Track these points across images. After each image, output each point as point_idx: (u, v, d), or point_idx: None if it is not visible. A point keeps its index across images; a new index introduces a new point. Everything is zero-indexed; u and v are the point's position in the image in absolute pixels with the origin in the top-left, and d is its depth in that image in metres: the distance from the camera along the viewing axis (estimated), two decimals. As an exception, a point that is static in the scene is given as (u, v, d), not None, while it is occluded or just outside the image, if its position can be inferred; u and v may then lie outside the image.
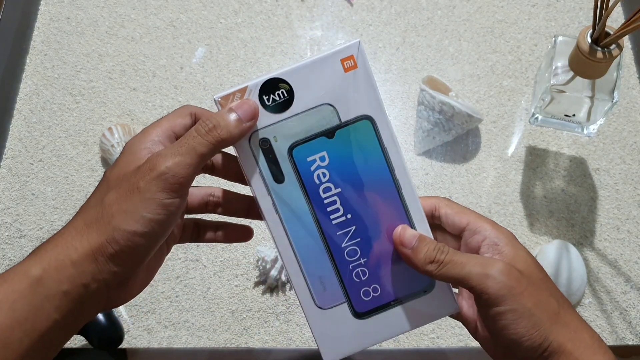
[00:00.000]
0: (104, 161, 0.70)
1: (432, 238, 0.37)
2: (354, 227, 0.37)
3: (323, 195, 0.36)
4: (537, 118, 0.70)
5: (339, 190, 0.36)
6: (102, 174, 0.69)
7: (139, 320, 0.63)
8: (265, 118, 0.35)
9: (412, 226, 0.37)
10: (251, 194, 0.37)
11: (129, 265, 0.32)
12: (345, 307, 0.37)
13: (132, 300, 0.37)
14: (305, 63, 0.35)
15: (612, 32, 0.56)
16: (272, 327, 0.62)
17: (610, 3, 0.55)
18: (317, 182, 0.36)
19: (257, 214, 0.38)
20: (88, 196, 0.70)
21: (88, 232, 0.32)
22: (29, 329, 0.30)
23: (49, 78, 0.75)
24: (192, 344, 0.61)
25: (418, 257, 0.35)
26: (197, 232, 0.40)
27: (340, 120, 0.36)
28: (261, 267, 0.63)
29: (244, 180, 0.37)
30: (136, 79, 0.75)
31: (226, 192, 0.40)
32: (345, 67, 0.35)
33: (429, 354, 0.61)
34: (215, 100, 0.35)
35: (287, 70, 0.35)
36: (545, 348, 0.33)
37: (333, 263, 0.37)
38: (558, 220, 0.67)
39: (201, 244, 0.65)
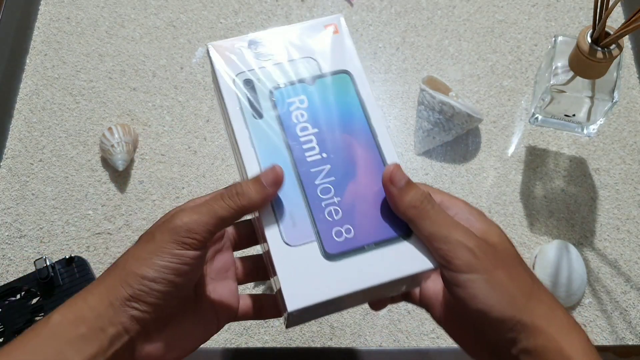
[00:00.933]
0: (104, 161, 0.70)
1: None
2: (328, 166, 0.36)
3: (300, 134, 0.37)
4: (537, 118, 0.70)
5: (315, 130, 0.37)
6: (102, 174, 0.70)
7: (139, 320, 0.63)
8: (251, 56, 0.39)
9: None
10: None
11: (146, 311, 0.33)
12: (315, 246, 0.34)
13: None
14: (293, 25, 0.40)
15: (612, 32, 0.56)
16: (272, 327, 0.62)
17: (610, 3, 0.55)
18: (295, 121, 0.37)
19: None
20: (88, 196, 0.70)
21: (105, 279, 0.33)
22: None
23: (49, 78, 0.75)
24: (192, 344, 0.61)
25: (403, 198, 0.34)
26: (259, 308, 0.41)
27: (321, 71, 0.39)
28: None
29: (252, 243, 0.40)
30: (136, 79, 0.75)
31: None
32: (328, 31, 0.40)
33: (429, 354, 0.61)
34: (207, 48, 0.39)
35: (275, 29, 0.40)
36: (515, 323, 0.32)
37: (305, 198, 0.35)
38: (558, 220, 0.67)
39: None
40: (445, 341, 0.62)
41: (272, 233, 0.35)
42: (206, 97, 0.74)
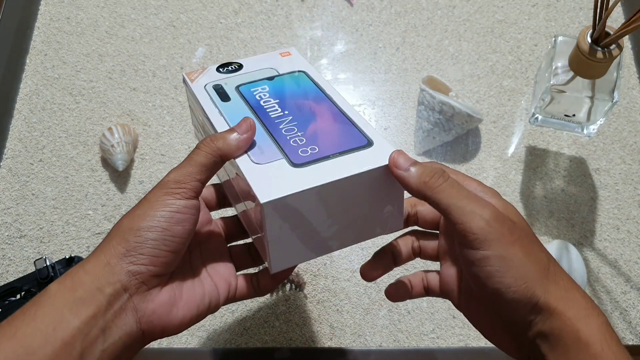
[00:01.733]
0: (104, 161, 0.70)
1: (384, 140, 0.38)
2: (290, 117, 0.41)
3: (263, 104, 0.43)
4: (537, 118, 0.70)
5: (277, 100, 0.43)
6: (102, 174, 0.70)
7: (139, 320, 0.63)
8: (219, 75, 0.47)
9: (343, 111, 0.42)
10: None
11: (142, 264, 0.33)
12: (282, 161, 0.37)
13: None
14: (255, 56, 0.50)
15: (612, 32, 0.56)
16: (272, 327, 0.62)
17: (610, 3, 0.55)
18: (258, 98, 0.44)
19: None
20: (88, 196, 0.70)
21: (101, 245, 0.34)
22: (50, 336, 0.30)
23: (49, 78, 0.75)
24: (192, 344, 0.61)
25: (412, 176, 0.34)
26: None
27: (278, 72, 0.47)
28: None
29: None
30: (136, 79, 0.75)
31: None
32: (282, 54, 0.50)
33: (429, 354, 0.61)
34: (183, 76, 0.47)
35: (240, 60, 0.49)
36: (534, 304, 0.31)
37: (271, 136, 0.39)
38: (558, 220, 0.67)
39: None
40: (445, 341, 0.62)
41: (242, 159, 0.37)
42: (206, 97, 0.74)
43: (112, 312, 0.32)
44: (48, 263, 0.61)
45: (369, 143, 0.38)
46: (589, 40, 0.58)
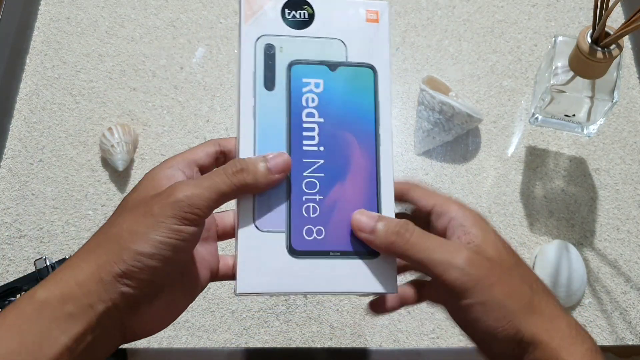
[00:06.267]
0: (104, 161, 0.70)
1: (393, 203, 0.36)
2: (322, 161, 0.35)
3: (304, 119, 0.36)
4: (537, 118, 0.70)
5: (321, 120, 0.36)
6: (102, 174, 0.70)
7: (139, 320, 0.63)
8: (279, 27, 0.36)
9: (378, 183, 0.36)
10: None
11: (138, 287, 0.31)
12: (282, 237, 0.34)
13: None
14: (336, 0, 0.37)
15: (612, 32, 0.56)
16: (272, 327, 0.62)
17: (610, 3, 0.55)
18: (304, 104, 0.36)
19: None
20: (88, 196, 0.70)
21: (96, 252, 0.31)
22: (37, 353, 0.29)
23: (49, 78, 0.75)
24: (192, 344, 0.61)
25: (377, 239, 0.33)
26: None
27: (346, 59, 0.37)
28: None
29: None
30: (136, 79, 0.75)
31: None
32: (368, 17, 0.37)
33: (429, 354, 0.61)
34: None
35: None
36: (520, 339, 0.32)
37: (288, 187, 0.35)
38: (558, 220, 0.67)
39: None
40: (445, 341, 0.62)
41: (245, 209, 0.34)
42: (206, 97, 0.74)
43: (100, 329, 0.31)
44: (48, 263, 0.61)
45: (376, 252, 0.35)
46: (589, 40, 0.58)
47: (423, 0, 0.81)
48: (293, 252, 0.34)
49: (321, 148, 0.35)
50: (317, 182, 0.35)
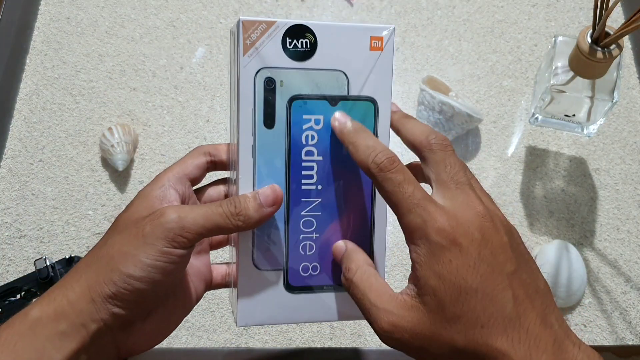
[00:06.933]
0: (104, 161, 0.70)
1: (386, 238, 0.36)
2: (319, 200, 0.36)
3: (304, 157, 0.35)
4: (537, 118, 0.70)
5: (320, 158, 0.36)
6: (102, 174, 0.70)
7: (139, 320, 0.63)
8: (279, 59, 0.34)
9: (372, 220, 0.37)
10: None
11: (128, 308, 0.32)
12: (279, 275, 0.36)
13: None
14: (337, 24, 0.35)
15: (612, 32, 0.56)
16: (272, 327, 0.62)
17: (610, 3, 0.55)
18: (304, 142, 0.35)
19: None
20: (88, 196, 0.70)
21: (87, 272, 0.32)
22: None
23: (49, 78, 0.75)
24: (192, 344, 0.61)
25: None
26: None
27: (348, 92, 0.36)
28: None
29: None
30: (136, 79, 0.75)
31: None
32: (372, 45, 0.36)
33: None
34: (239, 21, 0.34)
35: (318, 24, 0.35)
36: None
37: (286, 227, 0.36)
38: (558, 220, 0.67)
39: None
40: (445, 341, 0.62)
41: (244, 249, 0.35)
42: (206, 97, 0.74)
43: (94, 348, 0.31)
44: (48, 263, 0.61)
45: None
46: (589, 40, 0.58)
47: (423, 0, 0.81)
48: (290, 288, 0.36)
49: (319, 187, 0.36)
50: (314, 221, 0.36)
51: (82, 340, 0.31)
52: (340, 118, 0.35)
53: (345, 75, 0.36)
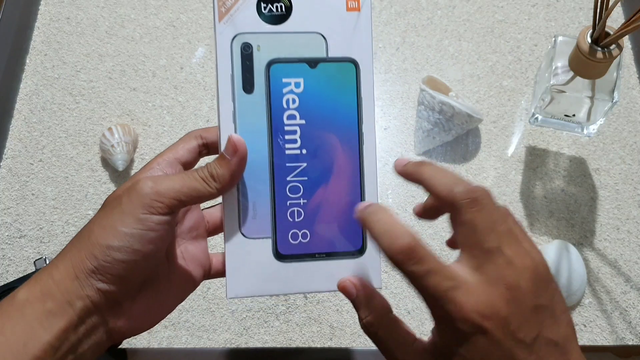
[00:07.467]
0: (104, 161, 0.70)
1: (377, 201, 0.35)
2: (305, 164, 0.35)
3: (286, 122, 0.35)
4: (537, 118, 0.70)
5: (302, 122, 0.35)
6: (102, 174, 0.70)
7: (139, 320, 0.63)
8: (255, 24, 0.34)
9: (362, 183, 0.35)
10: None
11: (113, 283, 0.31)
12: (268, 243, 0.35)
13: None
14: None
15: (612, 32, 0.56)
16: (272, 327, 0.62)
17: (610, 3, 0.55)
18: (285, 106, 0.35)
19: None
20: (88, 196, 0.70)
21: (71, 251, 0.32)
22: (21, 353, 0.29)
23: (49, 78, 0.75)
24: (192, 344, 0.61)
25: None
26: None
27: (327, 54, 0.35)
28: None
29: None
30: (136, 79, 0.75)
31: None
32: (349, 6, 0.35)
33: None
34: None
35: None
36: None
37: (272, 193, 0.35)
38: (558, 220, 0.67)
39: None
40: (445, 341, 0.62)
41: (230, 217, 0.35)
42: (206, 97, 0.74)
43: (83, 328, 0.31)
44: (48, 263, 0.61)
45: (362, 250, 0.36)
46: (589, 40, 0.58)
47: (423, 0, 0.81)
48: (279, 256, 0.35)
49: (304, 151, 0.35)
50: (300, 186, 0.35)
51: (70, 319, 0.30)
52: (359, 206, 0.33)
53: (323, 36, 0.35)
